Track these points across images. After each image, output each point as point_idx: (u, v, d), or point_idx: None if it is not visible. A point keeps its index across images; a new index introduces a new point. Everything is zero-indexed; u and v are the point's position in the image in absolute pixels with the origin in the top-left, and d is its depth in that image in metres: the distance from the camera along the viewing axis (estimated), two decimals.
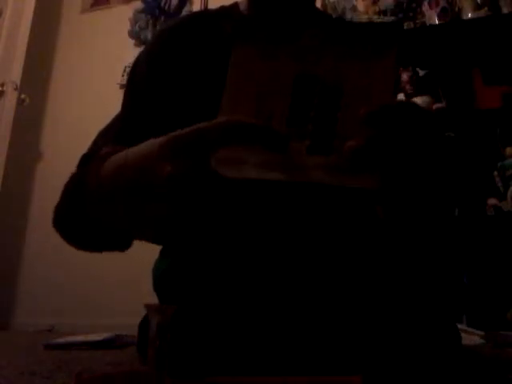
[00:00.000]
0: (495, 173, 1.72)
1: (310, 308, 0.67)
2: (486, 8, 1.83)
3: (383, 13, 1.99)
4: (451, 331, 0.73)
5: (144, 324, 0.78)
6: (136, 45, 2.68)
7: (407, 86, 1.89)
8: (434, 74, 1.92)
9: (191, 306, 0.70)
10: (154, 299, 0.88)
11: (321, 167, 0.43)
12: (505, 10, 1.81)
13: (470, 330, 1.38)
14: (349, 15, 2.04)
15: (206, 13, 0.90)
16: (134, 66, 0.78)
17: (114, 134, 0.70)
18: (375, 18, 1.98)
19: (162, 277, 0.85)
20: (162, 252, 0.89)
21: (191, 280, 0.76)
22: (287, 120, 0.43)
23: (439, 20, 1.89)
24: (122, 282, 2.24)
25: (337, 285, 0.69)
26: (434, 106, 1.85)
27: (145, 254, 2.18)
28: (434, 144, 0.46)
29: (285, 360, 0.66)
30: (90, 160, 0.60)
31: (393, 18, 1.94)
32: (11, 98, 2.53)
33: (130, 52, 2.68)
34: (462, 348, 0.77)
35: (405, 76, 1.91)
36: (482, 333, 1.39)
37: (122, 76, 2.65)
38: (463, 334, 1.27)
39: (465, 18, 1.86)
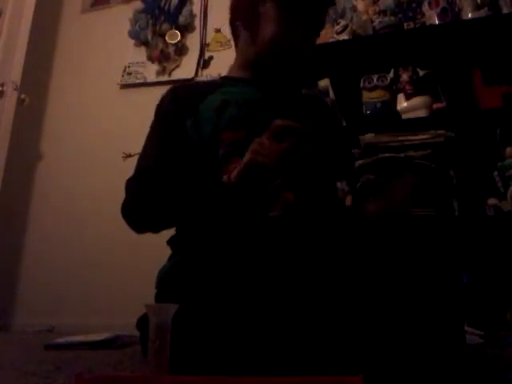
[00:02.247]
0: (495, 173, 1.71)
1: (311, 309, 0.67)
2: (485, 8, 1.83)
3: (383, 13, 1.99)
4: (454, 332, 0.73)
5: (143, 322, 0.78)
6: (136, 45, 2.68)
7: (407, 86, 1.89)
8: (433, 74, 1.91)
9: (191, 306, 0.70)
10: (153, 300, 0.88)
11: None
12: (505, 10, 1.81)
13: (470, 329, 1.38)
14: (349, 15, 2.04)
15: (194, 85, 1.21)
16: (157, 106, 1.06)
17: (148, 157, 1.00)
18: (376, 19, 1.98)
19: (165, 276, 0.87)
20: (169, 257, 0.94)
21: (191, 279, 0.76)
22: None
23: (439, 20, 1.89)
24: (122, 282, 2.24)
25: (337, 286, 0.69)
26: (434, 106, 1.85)
27: (144, 255, 2.18)
28: None
29: (285, 360, 0.66)
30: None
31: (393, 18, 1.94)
32: (11, 98, 2.52)
33: (130, 52, 2.68)
34: (465, 348, 0.77)
35: (405, 76, 1.91)
36: (482, 333, 1.39)
37: (122, 76, 2.65)
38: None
39: (465, 18, 1.86)
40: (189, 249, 0.85)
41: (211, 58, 2.53)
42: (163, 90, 1.11)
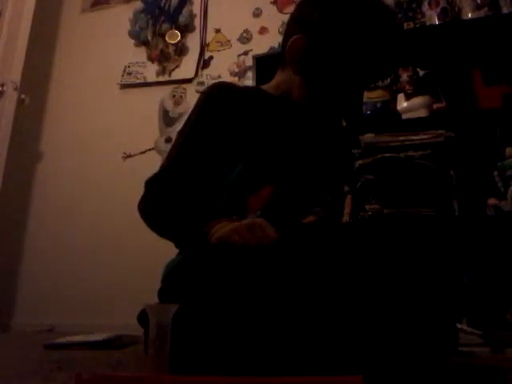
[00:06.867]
0: (495, 173, 1.71)
1: (310, 309, 0.67)
2: (485, 8, 1.83)
3: None
4: (450, 332, 0.73)
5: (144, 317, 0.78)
6: (136, 45, 2.69)
7: (407, 86, 1.89)
8: (433, 73, 1.91)
9: (193, 305, 0.70)
10: (153, 299, 0.88)
11: None
12: (505, 10, 1.81)
13: (470, 330, 1.38)
14: None
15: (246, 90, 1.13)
16: (197, 109, 1.00)
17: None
18: None
19: (173, 270, 0.87)
20: (178, 252, 0.94)
21: (200, 275, 0.76)
22: None
23: (439, 20, 1.89)
24: (123, 282, 2.24)
25: (336, 285, 0.69)
26: (434, 106, 1.85)
27: (145, 255, 2.18)
28: None
29: (285, 360, 0.66)
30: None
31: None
32: (11, 98, 2.52)
33: (130, 52, 2.68)
34: (457, 348, 0.77)
35: (405, 76, 1.91)
36: (482, 333, 1.38)
37: (122, 76, 2.65)
38: (462, 334, 1.27)
39: (465, 18, 1.86)
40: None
41: (211, 57, 2.53)
42: (163, 89, 1.10)
